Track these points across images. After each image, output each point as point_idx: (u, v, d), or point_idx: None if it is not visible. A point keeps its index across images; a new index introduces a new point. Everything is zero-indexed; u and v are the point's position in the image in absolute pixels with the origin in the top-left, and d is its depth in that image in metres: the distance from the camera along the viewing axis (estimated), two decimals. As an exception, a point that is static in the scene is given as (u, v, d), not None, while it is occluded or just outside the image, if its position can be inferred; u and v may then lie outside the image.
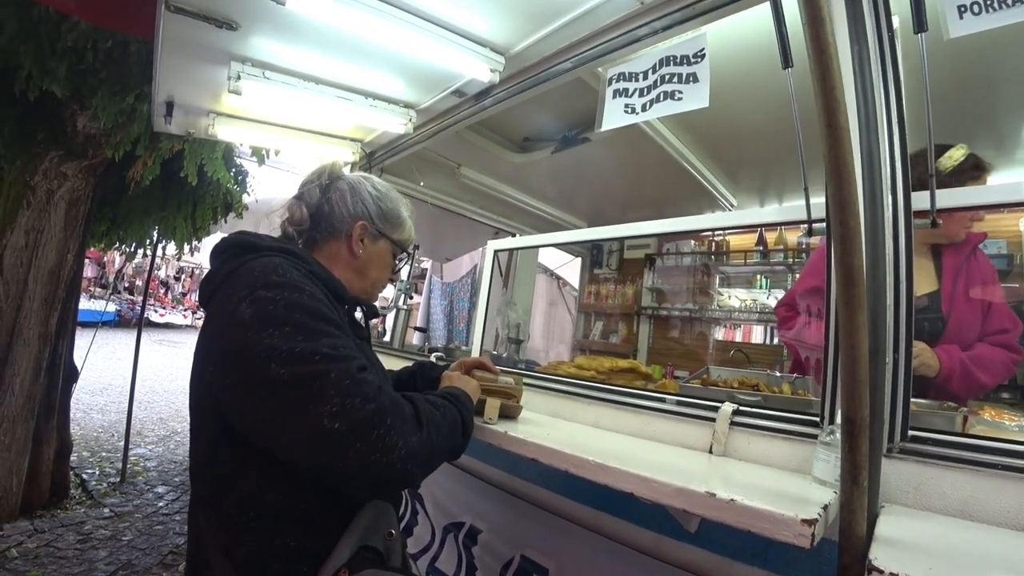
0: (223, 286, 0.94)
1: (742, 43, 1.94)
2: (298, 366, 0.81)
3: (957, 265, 1.65)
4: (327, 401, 0.80)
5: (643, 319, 5.21)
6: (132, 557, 3.04)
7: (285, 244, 1.06)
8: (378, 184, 1.24)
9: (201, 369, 0.94)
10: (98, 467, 4.43)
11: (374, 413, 0.82)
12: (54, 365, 3.56)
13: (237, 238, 1.04)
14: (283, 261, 0.96)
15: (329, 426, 0.79)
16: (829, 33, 0.70)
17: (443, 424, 0.98)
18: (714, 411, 1.23)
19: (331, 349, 0.85)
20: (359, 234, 1.16)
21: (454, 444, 1.03)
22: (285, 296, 0.87)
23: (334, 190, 1.18)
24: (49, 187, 3.22)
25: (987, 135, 2.53)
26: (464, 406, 1.11)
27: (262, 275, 0.90)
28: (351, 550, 0.90)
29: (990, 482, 0.90)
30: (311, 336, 0.85)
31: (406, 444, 0.84)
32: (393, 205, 1.24)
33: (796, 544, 0.74)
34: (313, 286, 0.95)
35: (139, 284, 17.40)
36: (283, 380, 0.81)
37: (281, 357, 0.81)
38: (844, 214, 0.72)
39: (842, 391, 0.76)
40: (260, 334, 0.83)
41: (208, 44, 1.83)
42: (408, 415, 0.89)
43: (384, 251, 1.23)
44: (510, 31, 1.71)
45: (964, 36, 1.08)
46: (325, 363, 0.83)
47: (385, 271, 1.25)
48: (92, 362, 5.59)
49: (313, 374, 0.81)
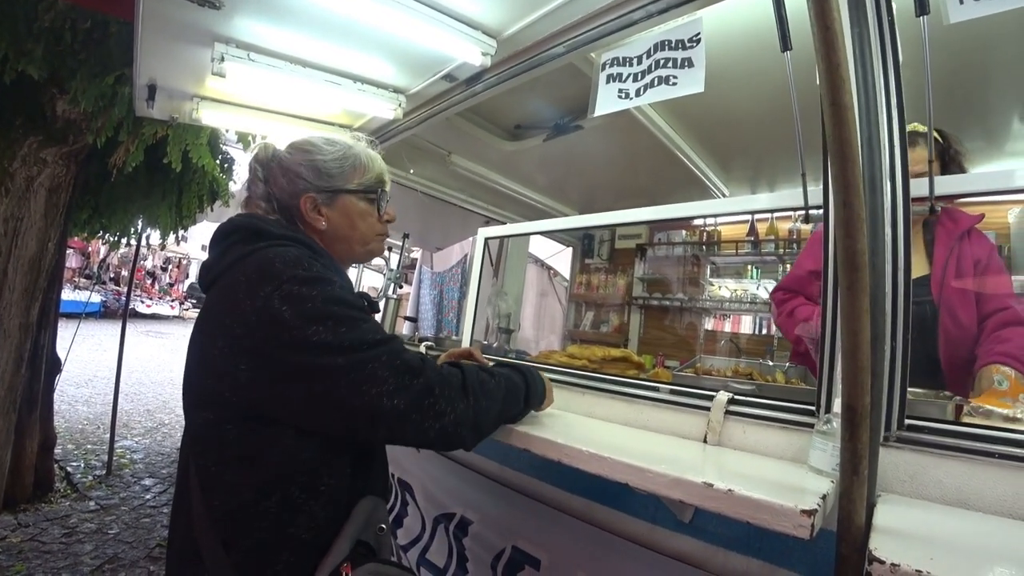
0: (231, 272, 0.92)
1: (736, 29, 1.91)
2: (349, 354, 0.86)
3: (948, 248, 1.63)
4: (384, 382, 0.86)
5: (634, 309, 5.21)
6: (118, 550, 3.01)
7: (297, 234, 1.03)
8: (309, 143, 1.11)
9: (211, 360, 0.90)
10: (83, 460, 4.38)
11: (424, 386, 0.90)
12: (36, 357, 3.49)
13: (246, 221, 1.01)
14: (303, 252, 0.95)
15: (388, 404, 0.86)
16: (835, 8, 0.67)
17: (495, 390, 1.05)
18: (709, 400, 1.22)
19: (374, 334, 0.90)
20: (309, 207, 1.07)
21: (509, 409, 1.11)
22: (320, 290, 0.88)
23: (272, 172, 1.10)
24: (28, 174, 3.13)
25: (977, 126, 2.53)
26: (530, 375, 1.21)
27: (286, 269, 0.89)
28: (350, 544, 0.90)
29: (986, 470, 0.89)
30: (353, 325, 0.89)
31: (454, 410, 0.92)
32: (332, 153, 1.10)
33: (796, 535, 0.73)
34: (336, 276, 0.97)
35: (125, 274, 17.17)
36: (336, 368, 0.85)
37: (332, 350, 0.85)
38: (848, 195, 0.70)
39: (843, 378, 0.74)
40: (305, 331, 0.85)
41: (191, 24, 1.77)
42: (455, 384, 0.96)
43: (348, 205, 1.11)
44: (502, 13, 1.67)
45: (956, 24, 1.07)
46: (374, 348, 0.88)
47: (365, 223, 1.14)
48: (77, 354, 5.51)
49: (366, 359, 0.87)
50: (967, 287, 1.59)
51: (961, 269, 1.60)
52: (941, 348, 1.55)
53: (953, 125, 2.44)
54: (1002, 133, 2.60)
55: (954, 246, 1.62)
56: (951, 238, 1.63)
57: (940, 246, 1.64)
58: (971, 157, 2.76)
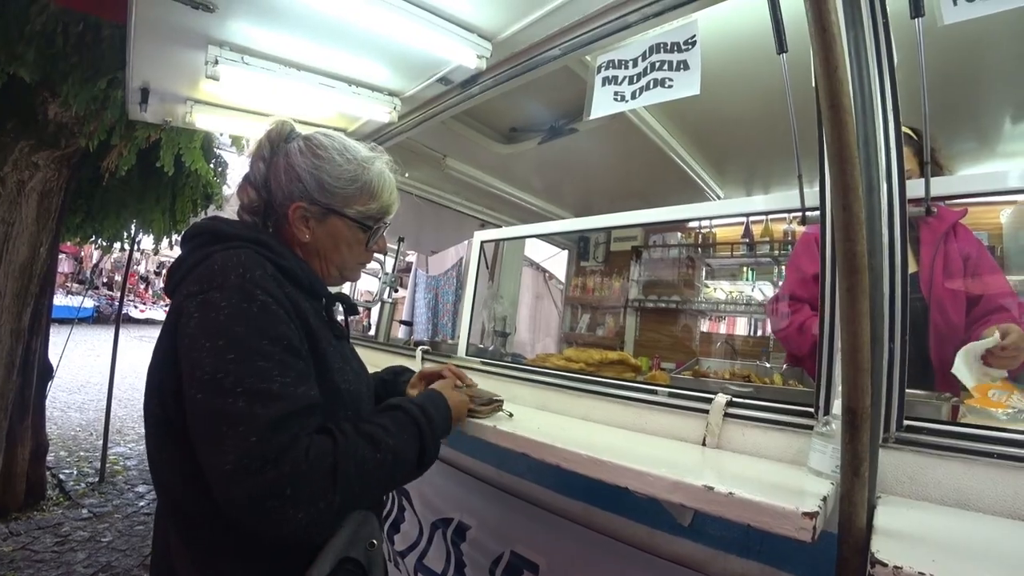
0: (187, 277, 0.87)
1: (730, 32, 1.92)
2: (212, 397, 0.75)
3: (934, 245, 1.63)
4: (224, 455, 0.72)
5: (630, 311, 5.21)
6: (112, 559, 2.97)
7: (258, 233, 0.96)
8: (323, 147, 1.03)
9: (152, 365, 0.88)
10: (76, 467, 4.33)
11: (273, 482, 0.72)
12: (28, 363, 3.46)
13: (207, 224, 0.96)
14: (250, 255, 0.87)
15: (223, 484, 0.72)
16: (832, 11, 0.67)
17: (375, 470, 0.85)
18: (707, 403, 1.21)
19: (260, 380, 0.77)
20: (297, 217, 1.00)
21: (392, 483, 0.94)
22: (234, 304, 0.80)
23: (276, 162, 1.03)
24: (20, 178, 3.11)
25: (969, 127, 2.55)
26: (425, 426, 0.98)
27: (220, 272, 0.83)
28: (332, 563, 0.84)
29: (985, 471, 0.89)
30: (244, 357, 0.77)
31: (307, 514, 0.75)
32: (342, 170, 1.02)
33: (797, 538, 0.73)
34: (279, 287, 0.87)
35: (118, 279, 17.05)
36: (195, 407, 0.76)
37: (203, 379, 0.76)
38: (847, 198, 0.70)
39: (843, 381, 0.74)
40: (194, 343, 0.78)
41: (184, 27, 1.76)
42: (319, 476, 0.77)
43: (338, 229, 1.04)
44: (498, 16, 1.66)
45: (948, 26, 1.07)
46: (242, 402, 0.74)
47: (350, 250, 1.07)
48: (70, 359, 5.46)
49: (221, 414, 0.74)
50: (957, 283, 1.59)
51: (949, 265, 1.60)
52: (932, 345, 1.54)
53: (945, 126, 2.47)
54: (994, 134, 2.62)
55: (939, 242, 1.62)
56: (936, 235, 1.63)
57: (926, 243, 1.63)
58: (963, 158, 2.80)
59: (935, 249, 1.62)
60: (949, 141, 2.62)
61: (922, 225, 1.65)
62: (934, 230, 1.64)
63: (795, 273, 1.87)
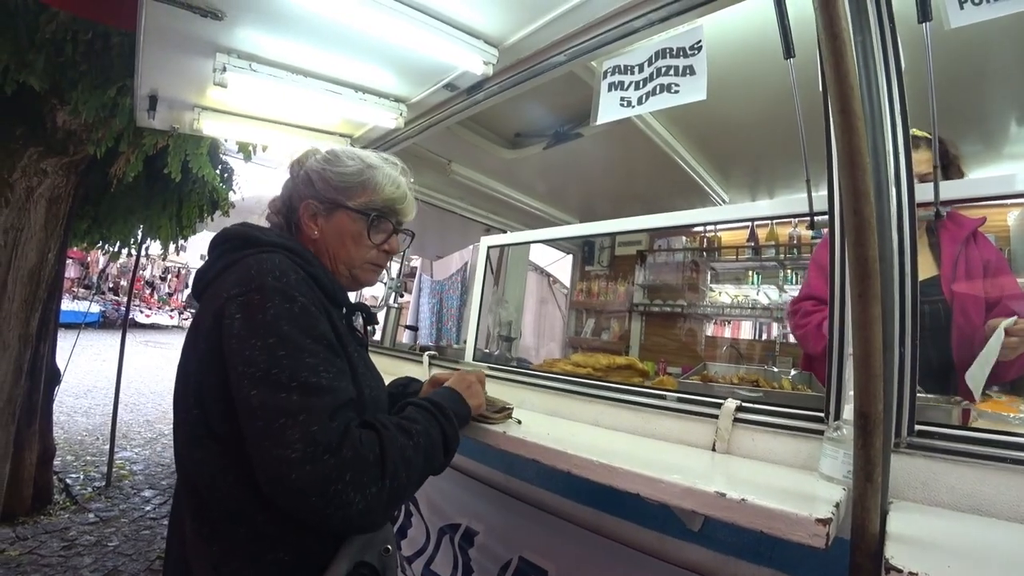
0: (218, 280, 0.90)
1: (735, 37, 1.92)
2: (270, 393, 0.78)
3: (955, 250, 1.64)
4: (287, 446, 0.75)
5: (634, 316, 5.21)
6: (118, 563, 2.98)
7: (288, 240, 1.00)
8: (334, 153, 1.10)
9: (187, 366, 0.90)
10: (83, 471, 4.34)
11: (335, 468, 0.77)
12: (36, 368, 3.47)
13: (239, 230, 0.99)
14: (284, 260, 0.91)
15: (288, 474, 0.75)
16: (843, 17, 0.68)
17: (415, 458, 0.90)
18: (716, 408, 1.21)
19: (311, 374, 0.81)
20: (307, 214, 1.06)
21: (429, 471, 0.96)
22: (277, 304, 0.83)
23: (298, 173, 1.11)
24: (28, 184, 3.13)
25: (975, 130, 2.55)
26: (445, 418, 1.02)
27: (258, 276, 0.86)
28: (348, 566, 0.86)
29: (999, 476, 0.89)
30: (294, 354, 0.81)
31: (364, 498, 0.79)
32: (346, 167, 1.08)
33: (811, 544, 0.72)
34: (311, 291, 0.91)
35: (124, 284, 17.13)
36: (251, 405, 0.78)
37: (256, 376, 0.79)
38: (858, 203, 0.70)
39: (855, 385, 0.74)
40: (243, 343, 0.81)
41: (192, 35, 1.77)
42: (371, 464, 0.81)
43: (343, 223, 1.07)
44: (504, 22, 1.67)
45: (955, 31, 1.08)
46: (297, 395, 0.79)
47: (356, 246, 1.09)
48: (76, 364, 5.48)
49: (280, 409, 0.77)
50: (978, 287, 1.60)
51: (971, 269, 1.62)
52: (954, 346, 1.55)
53: (951, 130, 2.46)
54: (1000, 137, 2.61)
55: (960, 248, 1.64)
56: (956, 241, 1.65)
57: (947, 248, 1.65)
58: (969, 161, 2.80)
59: (957, 253, 1.63)
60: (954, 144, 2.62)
61: (942, 230, 1.66)
62: (955, 235, 1.66)
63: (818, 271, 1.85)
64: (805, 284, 1.94)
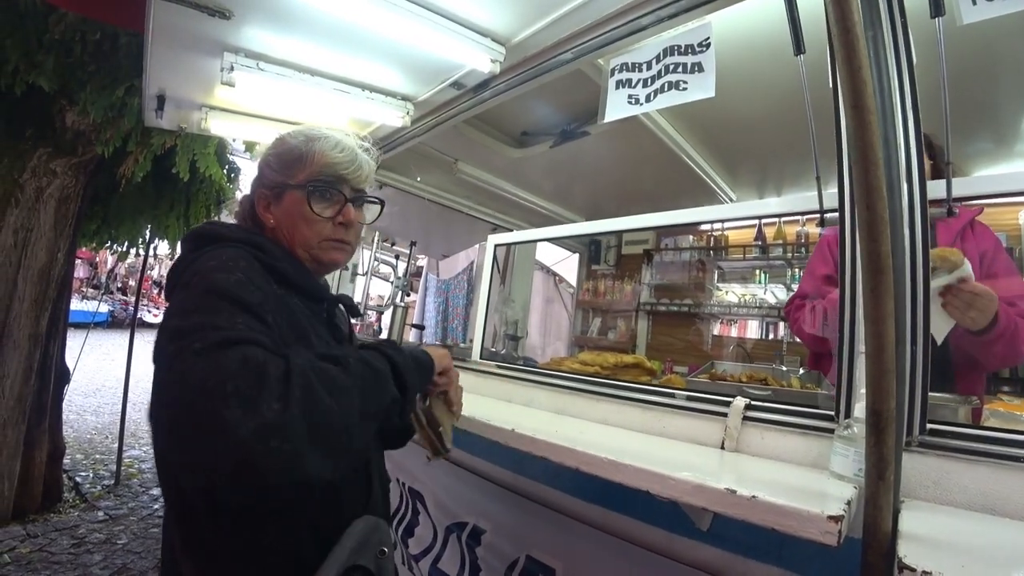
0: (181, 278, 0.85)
1: (743, 34, 1.91)
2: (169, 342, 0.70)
3: (951, 242, 1.62)
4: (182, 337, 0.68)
5: (641, 315, 5.19)
6: (127, 561, 3.00)
7: (252, 235, 0.95)
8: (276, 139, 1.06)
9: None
10: (92, 470, 4.38)
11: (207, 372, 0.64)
12: (45, 367, 3.50)
13: (204, 228, 0.96)
14: (239, 252, 0.85)
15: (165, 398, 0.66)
16: (855, 11, 0.67)
17: (346, 382, 0.75)
18: (725, 406, 1.20)
19: (212, 318, 0.71)
20: (262, 206, 1.02)
21: (378, 399, 0.81)
22: (210, 280, 0.77)
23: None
24: (38, 185, 3.16)
25: (986, 127, 2.52)
26: (397, 351, 0.90)
27: (203, 265, 0.82)
28: (338, 569, 0.82)
29: (1012, 475, 0.88)
30: (209, 313, 0.72)
31: (253, 418, 0.62)
32: (285, 147, 1.02)
33: (823, 542, 0.72)
34: (260, 276, 0.84)
35: (132, 284, 17.25)
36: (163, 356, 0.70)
37: (162, 327, 0.73)
38: (871, 199, 0.69)
39: (868, 382, 0.73)
40: (167, 316, 0.75)
41: (200, 34, 1.78)
42: (272, 376, 0.66)
43: (290, 203, 1.00)
44: (512, 20, 1.67)
45: (966, 26, 1.06)
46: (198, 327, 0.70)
47: (305, 223, 0.99)
48: (85, 363, 5.52)
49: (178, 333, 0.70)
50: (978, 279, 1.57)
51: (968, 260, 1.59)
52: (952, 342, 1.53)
53: (961, 126, 2.44)
54: (1012, 134, 2.58)
55: (956, 239, 1.61)
56: (952, 232, 1.62)
57: (943, 240, 1.62)
58: (980, 158, 2.77)
59: (953, 244, 1.60)
60: (965, 141, 2.59)
61: (939, 224, 1.63)
62: (950, 228, 1.63)
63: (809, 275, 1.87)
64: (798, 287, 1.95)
